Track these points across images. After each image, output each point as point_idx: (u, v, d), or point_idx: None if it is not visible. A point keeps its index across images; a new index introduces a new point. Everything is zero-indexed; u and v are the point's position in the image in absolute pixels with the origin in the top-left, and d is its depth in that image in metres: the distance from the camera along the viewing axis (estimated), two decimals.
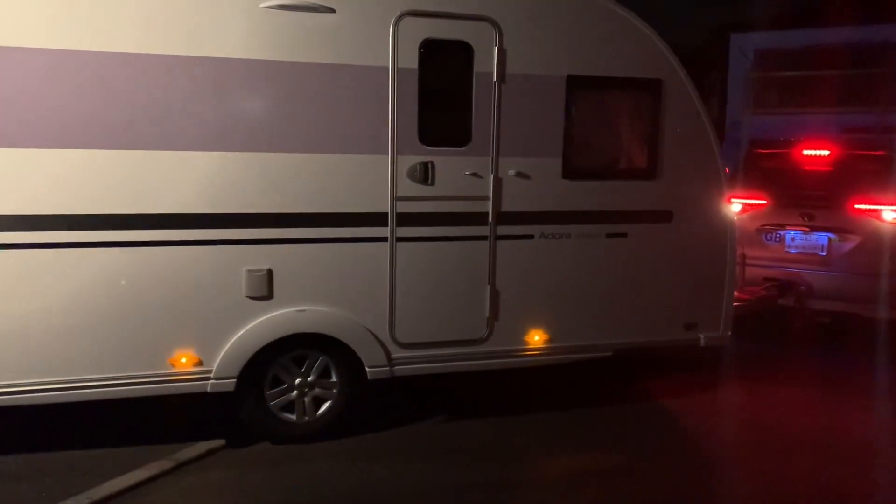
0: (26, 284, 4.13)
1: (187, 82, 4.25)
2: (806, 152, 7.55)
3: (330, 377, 4.78)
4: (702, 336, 5.49)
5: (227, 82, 4.31)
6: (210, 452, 4.62)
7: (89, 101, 4.11)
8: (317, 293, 4.60)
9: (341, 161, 4.55)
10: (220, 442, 4.69)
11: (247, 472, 4.42)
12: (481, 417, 5.31)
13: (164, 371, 4.40)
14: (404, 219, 4.69)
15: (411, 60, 4.59)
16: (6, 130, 3.99)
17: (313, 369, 4.73)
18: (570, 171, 5.01)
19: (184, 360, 4.42)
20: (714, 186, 5.38)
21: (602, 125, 5.22)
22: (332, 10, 4.43)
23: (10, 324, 4.13)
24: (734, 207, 7.55)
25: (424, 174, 4.68)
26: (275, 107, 4.41)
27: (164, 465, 4.39)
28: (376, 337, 4.73)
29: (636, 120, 5.28)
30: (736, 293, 6.79)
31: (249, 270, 4.46)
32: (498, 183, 4.85)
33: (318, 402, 4.79)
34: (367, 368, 4.75)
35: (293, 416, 4.74)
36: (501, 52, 4.74)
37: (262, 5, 4.32)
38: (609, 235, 5.19)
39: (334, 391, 4.79)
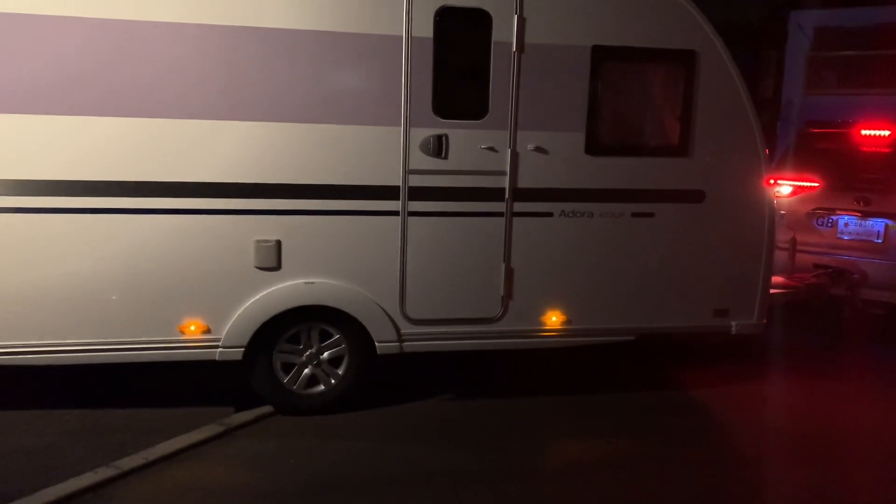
0: (44, 248, 4.22)
1: (200, 51, 4.23)
2: (864, 132, 7.07)
3: (339, 352, 4.74)
4: (733, 323, 5.22)
5: (238, 51, 4.27)
6: (259, 419, 4.69)
7: (110, 69, 4.15)
8: (325, 266, 4.56)
9: (352, 132, 4.46)
10: (269, 409, 4.75)
11: (293, 441, 4.44)
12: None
13: (173, 338, 4.45)
14: (416, 193, 4.58)
15: (426, 29, 4.45)
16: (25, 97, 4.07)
17: (322, 343, 4.71)
18: (594, 147, 4.80)
19: (192, 327, 4.46)
20: (752, 166, 5.07)
21: (629, 98, 4.97)
22: None
23: (26, 287, 4.23)
24: (782, 189, 7.24)
25: (438, 147, 4.55)
26: (285, 76, 4.35)
27: (214, 429, 4.50)
28: (386, 312, 4.66)
29: (667, 93, 5.01)
30: (784, 280, 6.50)
31: (258, 241, 4.45)
32: (515, 157, 4.68)
33: (328, 375, 4.77)
34: (376, 343, 4.69)
35: (301, 389, 4.73)
36: (521, 21, 4.56)
37: None
38: (635, 215, 4.96)
39: (343, 366, 4.76)
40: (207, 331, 4.48)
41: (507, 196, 4.71)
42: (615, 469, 4.30)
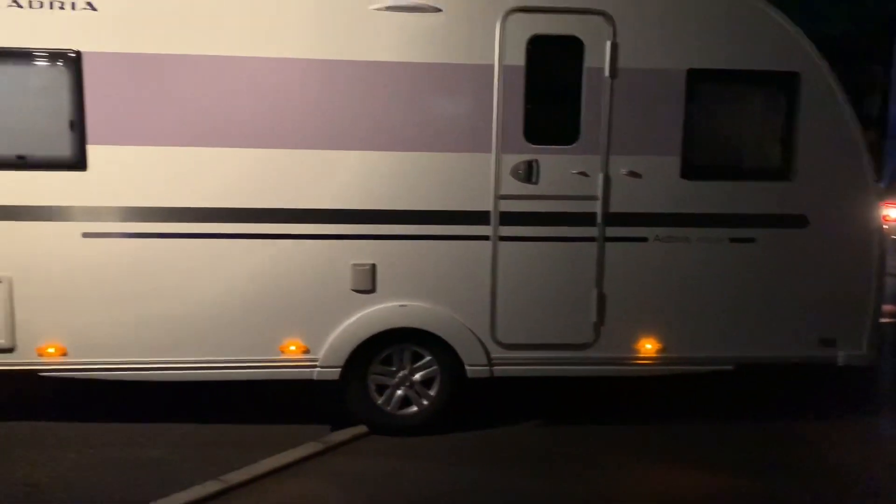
0: (166, 271, 4.54)
1: (301, 84, 4.48)
2: None
3: (430, 374, 4.83)
4: (840, 354, 4.97)
5: (337, 84, 4.49)
6: (355, 438, 4.83)
7: (229, 103, 4.47)
8: (418, 289, 4.67)
9: (445, 159, 4.58)
10: (364, 429, 4.89)
11: (390, 462, 4.54)
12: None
13: (275, 357, 4.66)
14: (507, 218, 4.64)
15: (518, 57, 4.53)
16: (174, 131, 4.45)
17: (414, 364, 4.81)
18: (690, 171, 4.72)
19: (293, 347, 4.66)
20: (858, 189, 4.84)
21: (728, 121, 4.87)
22: (439, 10, 4.47)
23: (149, 308, 4.55)
24: (893, 213, 6.84)
25: (528, 172, 4.60)
26: (379, 107, 4.52)
27: (314, 447, 4.66)
28: (477, 336, 4.72)
29: (768, 115, 4.88)
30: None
31: (355, 265, 4.61)
32: (607, 182, 4.67)
33: (420, 397, 4.86)
34: (466, 367, 4.75)
35: (395, 409, 4.84)
36: (614, 47, 4.56)
37: (370, 7, 4.45)
38: (734, 240, 4.83)
39: (435, 387, 4.84)
40: (307, 351, 4.67)
41: (599, 221, 4.70)
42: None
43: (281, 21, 4.45)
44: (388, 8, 4.45)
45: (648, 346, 4.84)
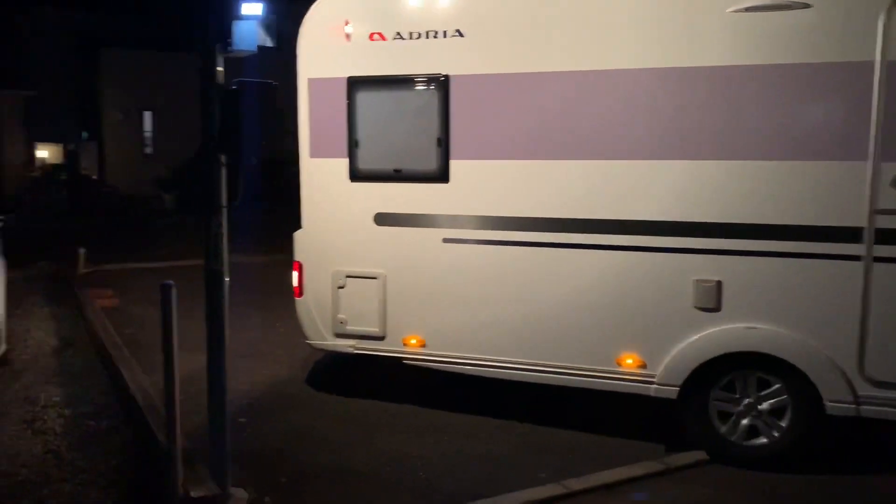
0: (513, 276, 4.83)
1: (654, 93, 4.41)
2: None
3: (780, 403, 4.38)
4: None
5: (690, 90, 4.33)
6: (698, 464, 4.55)
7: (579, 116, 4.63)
8: (769, 311, 4.28)
9: (807, 168, 4.14)
10: (703, 455, 4.59)
11: (732, 496, 4.25)
12: None
13: (610, 368, 4.64)
14: (885, 236, 4.02)
15: None
16: (523, 146, 4.74)
17: (760, 392, 4.41)
18: None
19: (629, 360, 4.60)
20: None
21: None
22: (808, 6, 4.06)
23: (499, 309, 4.87)
24: None
25: None
26: (732, 113, 4.26)
27: (654, 466, 4.50)
28: (840, 368, 4.16)
29: None
30: None
31: (698, 280, 4.39)
32: None
33: (770, 427, 4.43)
34: (826, 402, 4.22)
35: (741, 440, 4.48)
36: None
37: (728, 10, 4.21)
38: None
39: (786, 418, 4.38)
40: (643, 366, 4.57)
41: None
42: None
43: (634, 32, 4.44)
44: (749, 9, 4.16)
45: None
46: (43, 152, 26.29)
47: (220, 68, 3.88)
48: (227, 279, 4.00)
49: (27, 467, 4.41)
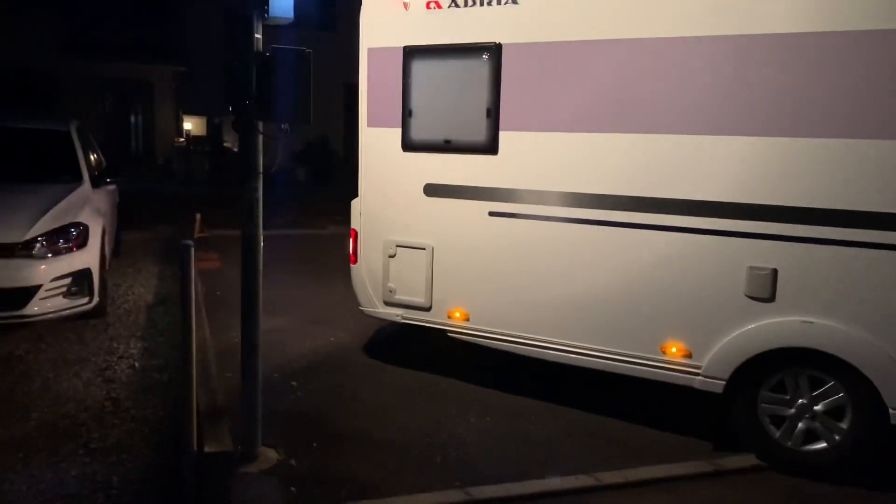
0: (559, 253, 4.65)
1: (712, 64, 4.06)
2: None
3: (838, 401, 3.96)
4: None
5: (745, 62, 3.95)
6: (756, 469, 4.21)
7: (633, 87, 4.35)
8: (829, 305, 3.85)
9: (875, 147, 3.67)
10: (757, 461, 4.26)
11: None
12: None
13: (654, 356, 4.37)
14: None
15: None
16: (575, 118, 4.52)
17: (819, 395, 4.00)
18: None
19: (674, 349, 4.31)
20: None
21: None
22: None
23: (543, 286, 4.71)
24: None
25: None
26: (794, 86, 3.84)
27: (703, 466, 4.22)
28: None
29: None
30: None
31: (752, 267, 4.03)
32: None
33: (829, 431, 4.02)
34: (890, 410, 3.76)
35: (796, 444, 4.10)
36: None
37: None
38: None
39: (846, 420, 3.95)
40: (689, 355, 4.27)
41: None
42: None
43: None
44: None
45: None
46: (188, 124, 28.13)
47: (258, 35, 3.95)
48: (261, 243, 4.10)
49: (87, 411, 4.74)
